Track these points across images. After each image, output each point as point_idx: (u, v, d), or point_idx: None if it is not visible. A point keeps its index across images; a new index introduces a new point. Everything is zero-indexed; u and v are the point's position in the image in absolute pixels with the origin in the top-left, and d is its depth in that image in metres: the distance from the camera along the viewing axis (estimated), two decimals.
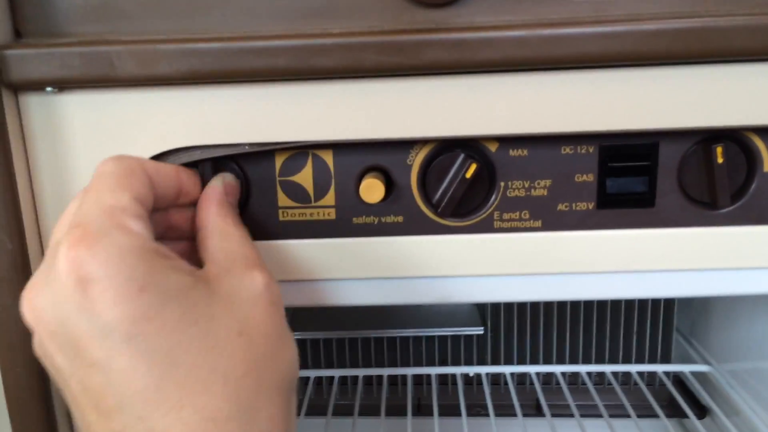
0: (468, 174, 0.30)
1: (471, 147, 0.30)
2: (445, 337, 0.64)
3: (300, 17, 0.28)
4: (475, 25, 0.27)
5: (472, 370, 0.64)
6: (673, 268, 0.31)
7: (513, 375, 0.63)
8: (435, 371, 0.63)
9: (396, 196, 0.31)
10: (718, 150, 0.29)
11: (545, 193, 0.31)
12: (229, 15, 0.28)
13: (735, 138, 0.30)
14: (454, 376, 0.64)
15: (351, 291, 0.33)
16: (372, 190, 0.30)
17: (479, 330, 0.63)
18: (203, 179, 0.29)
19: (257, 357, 0.23)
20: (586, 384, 0.62)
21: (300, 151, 0.31)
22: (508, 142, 0.30)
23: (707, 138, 0.30)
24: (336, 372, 0.64)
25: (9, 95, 0.28)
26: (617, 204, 0.31)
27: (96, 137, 0.29)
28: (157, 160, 0.30)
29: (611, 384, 0.62)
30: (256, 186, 0.31)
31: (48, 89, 0.28)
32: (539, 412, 0.62)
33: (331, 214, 0.31)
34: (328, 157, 0.31)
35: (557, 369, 0.63)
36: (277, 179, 0.31)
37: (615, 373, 0.63)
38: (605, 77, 0.28)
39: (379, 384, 0.65)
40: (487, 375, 0.64)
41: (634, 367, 0.63)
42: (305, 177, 0.31)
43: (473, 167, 0.30)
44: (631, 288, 0.32)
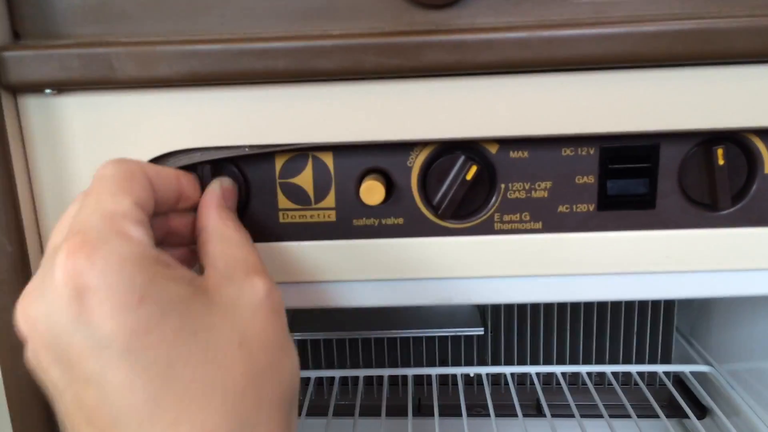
0: (468, 176, 0.30)
1: (471, 149, 0.30)
2: (446, 338, 0.64)
3: (300, 19, 0.28)
4: (476, 27, 0.27)
5: (472, 370, 0.64)
6: (674, 269, 0.31)
7: (513, 375, 0.63)
8: (435, 371, 0.64)
9: (396, 197, 0.31)
10: (718, 152, 0.29)
11: (546, 195, 0.31)
12: (229, 16, 0.28)
13: (736, 140, 0.30)
14: (454, 376, 0.64)
15: (352, 292, 0.33)
16: (372, 191, 0.30)
17: (479, 330, 0.63)
18: (202, 183, 0.29)
19: (257, 369, 0.23)
20: (586, 384, 0.62)
21: (300, 153, 0.31)
22: (508, 143, 0.30)
23: (708, 140, 0.30)
24: (337, 372, 0.64)
25: (8, 97, 0.28)
26: (618, 206, 0.31)
27: (95, 139, 0.29)
28: (157, 162, 0.30)
29: (611, 384, 0.62)
30: (256, 188, 0.31)
31: (47, 91, 0.28)
32: (540, 412, 0.62)
33: (332, 216, 0.31)
34: (328, 159, 0.31)
35: (557, 369, 0.63)
36: (278, 181, 0.31)
37: (615, 374, 0.63)
38: (606, 79, 0.28)
39: (380, 384, 0.65)
40: (488, 375, 0.64)
41: (634, 368, 0.63)
42: (305, 179, 0.31)
43: (474, 169, 0.30)
44: (632, 289, 0.32)
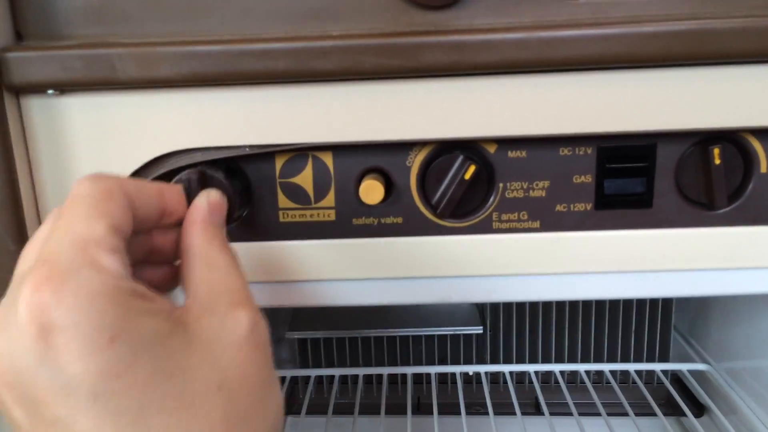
0: (467, 175, 0.30)
1: (470, 148, 0.31)
2: (445, 337, 0.65)
3: (299, 20, 0.28)
4: (474, 28, 0.27)
5: (471, 369, 0.64)
6: (671, 268, 0.32)
7: (512, 374, 0.63)
8: (435, 370, 0.64)
9: (395, 197, 0.31)
10: (715, 151, 0.29)
11: (544, 194, 0.31)
12: (229, 17, 0.28)
13: (732, 139, 0.30)
14: (453, 374, 0.64)
15: (351, 291, 0.33)
16: (372, 191, 0.30)
17: (478, 329, 0.63)
18: (189, 195, 0.26)
19: (238, 413, 0.21)
20: (584, 383, 0.62)
21: (300, 153, 0.31)
22: (506, 143, 0.30)
23: (704, 139, 0.30)
24: (336, 371, 0.64)
25: (11, 97, 0.29)
26: (615, 205, 0.31)
27: (97, 139, 0.29)
28: (158, 162, 0.30)
29: (610, 383, 0.62)
30: (256, 187, 0.31)
31: (49, 92, 0.29)
32: (538, 410, 0.62)
33: (331, 215, 0.32)
34: (327, 159, 0.31)
35: (556, 368, 0.63)
36: (278, 181, 0.31)
37: (613, 372, 0.63)
38: (603, 79, 0.28)
39: (380, 383, 0.65)
40: (487, 374, 0.64)
41: (632, 366, 0.63)
42: (305, 178, 0.31)
43: (472, 168, 0.30)
44: (629, 288, 0.33)
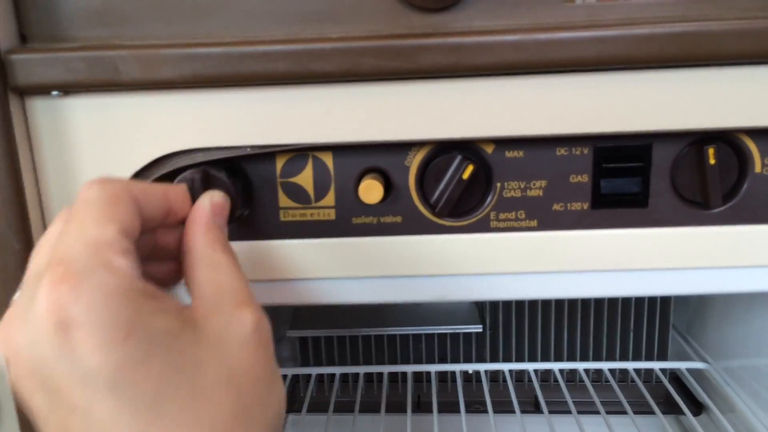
0: (465, 175, 0.30)
1: (468, 149, 0.31)
2: (445, 335, 0.65)
3: (300, 22, 0.29)
4: (472, 30, 0.28)
5: (471, 367, 0.64)
6: (666, 266, 0.32)
7: (512, 372, 0.64)
8: (434, 368, 0.64)
9: (394, 196, 0.32)
10: (710, 151, 0.30)
11: (541, 194, 0.31)
12: (231, 20, 0.29)
13: (727, 139, 0.30)
14: (453, 373, 0.65)
15: (351, 290, 0.34)
16: (371, 190, 0.30)
17: (478, 328, 0.63)
18: (193, 194, 0.27)
19: (245, 405, 0.23)
20: (583, 381, 0.62)
21: (300, 153, 0.31)
22: (504, 143, 0.31)
23: (700, 139, 0.30)
24: (337, 369, 0.65)
25: (15, 99, 0.29)
26: (611, 204, 0.31)
27: (100, 140, 0.30)
28: (160, 162, 0.30)
29: (609, 381, 0.62)
30: (257, 187, 0.32)
31: (53, 93, 0.29)
32: (537, 409, 0.63)
33: (331, 214, 0.32)
34: (327, 159, 0.31)
35: (555, 366, 0.64)
36: (278, 180, 0.32)
37: (612, 370, 0.64)
38: (600, 80, 0.28)
39: (380, 381, 0.65)
40: (486, 372, 0.64)
41: (631, 365, 0.63)
42: (305, 178, 0.31)
43: (470, 168, 0.30)
44: (625, 286, 0.33)
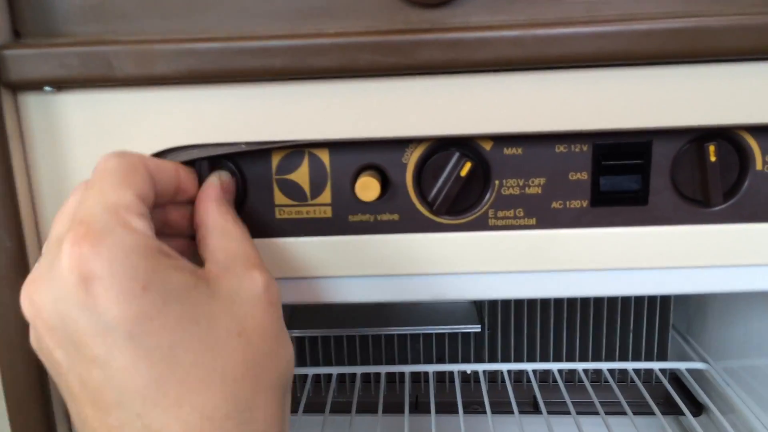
0: (463, 172, 0.30)
1: (466, 145, 0.31)
2: (443, 335, 0.65)
3: (296, 17, 0.28)
4: (470, 25, 0.28)
5: (469, 367, 0.64)
6: (667, 265, 0.32)
7: (510, 372, 0.63)
8: (432, 369, 0.64)
9: (392, 194, 0.31)
10: (710, 148, 0.29)
11: (539, 191, 0.31)
12: (226, 15, 0.28)
13: (728, 136, 0.30)
14: (451, 373, 0.64)
15: (348, 288, 0.33)
16: (368, 188, 0.30)
17: (476, 328, 0.63)
18: (200, 177, 0.30)
19: (255, 357, 0.24)
20: (582, 381, 0.62)
21: (296, 150, 0.31)
22: (502, 140, 0.31)
23: (700, 136, 0.30)
24: (334, 369, 0.65)
25: (8, 95, 0.29)
26: (611, 202, 0.31)
27: (94, 136, 0.29)
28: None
29: (608, 381, 0.62)
30: (253, 184, 0.31)
31: (46, 89, 0.29)
32: (536, 409, 0.62)
33: (328, 212, 0.32)
34: (324, 156, 0.31)
35: (554, 366, 0.63)
36: (274, 177, 0.31)
37: (612, 371, 0.63)
38: (599, 76, 0.28)
39: (377, 381, 0.65)
40: (485, 372, 0.64)
41: (630, 365, 0.63)
42: (302, 175, 0.31)
43: (468, 166, 0.30)
44: (625, 285, 0.33)
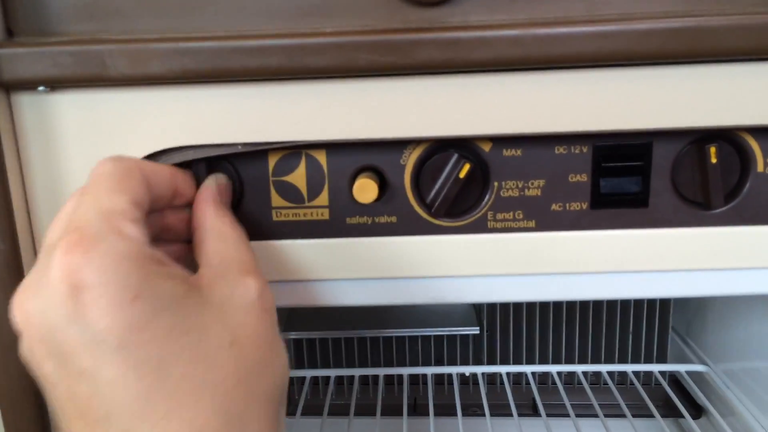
0: (461, 174, 0.30)
1: (464, 147, 0.30)
2: (441, 337, 0.64)
3: (293, 16, 0.28)
4: (469, 25, 0.27)
5: (468, 369, 0.64)
6: (667, 268, 0.31)
7: (509, 375, 0.63)
8: (431, 371, 0.64)
9: (389, 196, 0.31)
10: (711, 150, 0.29)
11: (539, 193, 0.31)
12: (222, 14, 0.28)
13: (728, 138, 0.30)
14: (450, 375, 0.64)
15: (345, 291, 0.33)
16: (365, 190, 0.30)
17: (475, 330, 0.63)
18: (197, 180, 0.29)
19: (248, 367, 0.23)
20: (582, 384, 0.62)
21: (293, 151, 0.31)
22: (501, 142, 0.30)
23: (701, 138, 0.30)
24: (332, 372, 0.64)
25: (1, 94, 0.28)
26: (611, 204, 0.31)
27: (88, 136, 0.29)
28: (150, 160, 0.30)
29: (607, 384, 0.62)
30: (249, 186, 0.31)
31: (40, 88, 0.28)
32: (535, 411, 0.62)
33: (325, 214, 0.31)
34: (321, 157, 0.31)
35: (553, 369, 0.63)
36: (271, 179, 0.31)
37: (611, 373, 0.63)
38: (599, 77, 0.28)
39: (375, 384, 0.65)
40: (483, 375, 0.64)
41: (630, 367, 0.63)
42: (299, 177, 0.31)
43: (467, 167, 0.30)
44: (625, 288, 0.32)
